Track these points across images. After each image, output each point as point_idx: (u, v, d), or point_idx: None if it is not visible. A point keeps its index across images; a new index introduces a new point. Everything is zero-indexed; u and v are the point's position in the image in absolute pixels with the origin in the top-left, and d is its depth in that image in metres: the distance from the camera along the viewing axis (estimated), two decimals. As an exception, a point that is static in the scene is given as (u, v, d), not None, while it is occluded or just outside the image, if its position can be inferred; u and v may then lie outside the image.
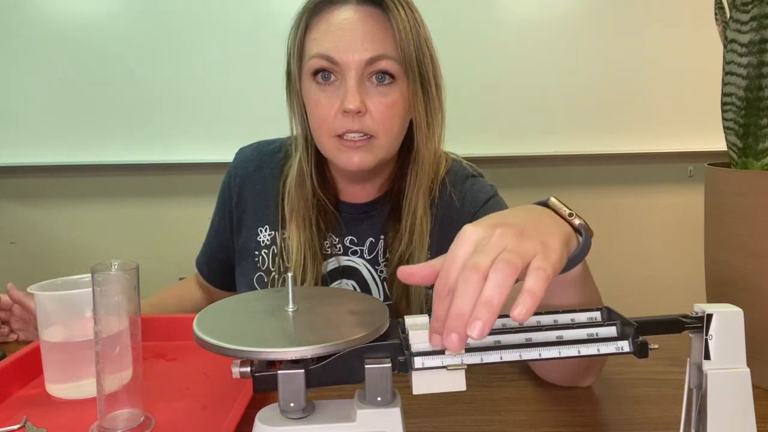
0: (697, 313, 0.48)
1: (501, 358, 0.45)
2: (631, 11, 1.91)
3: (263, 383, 0.45)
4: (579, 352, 0.46)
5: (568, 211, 0.53)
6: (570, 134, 1.97)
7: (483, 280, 0.41)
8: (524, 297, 0.40)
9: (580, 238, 0.52)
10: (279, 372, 0.45)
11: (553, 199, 0.54)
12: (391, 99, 0.77)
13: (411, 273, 0.47)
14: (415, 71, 0.78)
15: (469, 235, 0.45)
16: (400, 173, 0.86)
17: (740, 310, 0.47)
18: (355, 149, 0.77)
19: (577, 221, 0.52)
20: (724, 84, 0.72)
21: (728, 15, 0.71)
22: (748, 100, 0.69)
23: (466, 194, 0.87)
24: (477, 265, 0.42)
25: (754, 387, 0.47)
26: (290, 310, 0.51)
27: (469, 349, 0.45)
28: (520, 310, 0.40)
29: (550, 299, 0.56)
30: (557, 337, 0.46)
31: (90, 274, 0.56)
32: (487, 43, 1.91)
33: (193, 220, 1.97)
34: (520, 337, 0.47)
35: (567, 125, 1.96)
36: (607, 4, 1.91)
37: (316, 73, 0.77)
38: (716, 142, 0.93)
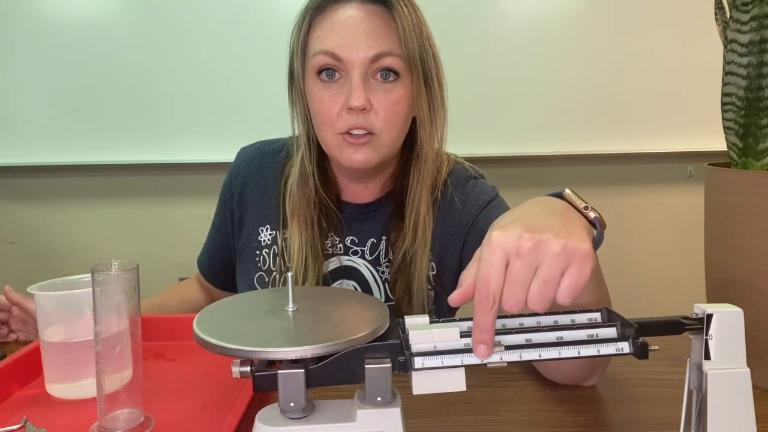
0: (697, 314, 0.48)
1: (501, 358, 0.45)
2: (632, 11, 1.91)
3: (263, 383, 0.45)
4: (579, 353, 0.46)
5: (583, 204, 0.53)
6: (570, 134, 1.97)
7: (525, 291, 0.44)
8: (564, 303, 0.45)
9: (594, 231, 0.52)
10: (279, 372, 0.45)
11: (568, 191, 0.55)
12: (395, 96, 0.77)
13: (467, 289, 0.47)
14: (419, 68, 0.78)
15: (499, 241, 0.45)
16: (403, 172, 0.86)
17: (740, 310, 0.47)
18: (359, 146, 0.77)
19: (592, 214, 0.53)
20: (724, 84, 0.72)
21: (728, 15, 0.71)
22: (748, 100, 0.69)
23: (468, 196, 0.88)
24: (518, 279, 0.44)
25: (754, 387, 0.47)
26: (290, 309, 0.51)
27: (469, 350, 0.45)
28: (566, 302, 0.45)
29: None
30: (557, 338, 0.46)
31: (90, 274, 0.56)
32: (487, 43, 1.91)
33: (193, 220, 1.97)
34: (520, 338, 0.47)
35: (567, 125, 1.96)
36: (608, 4, 1.91)
37: (320, 71, 0.77)
38: (716, 142, 0.94)
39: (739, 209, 0.67)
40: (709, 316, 0.47)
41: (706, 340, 0.47)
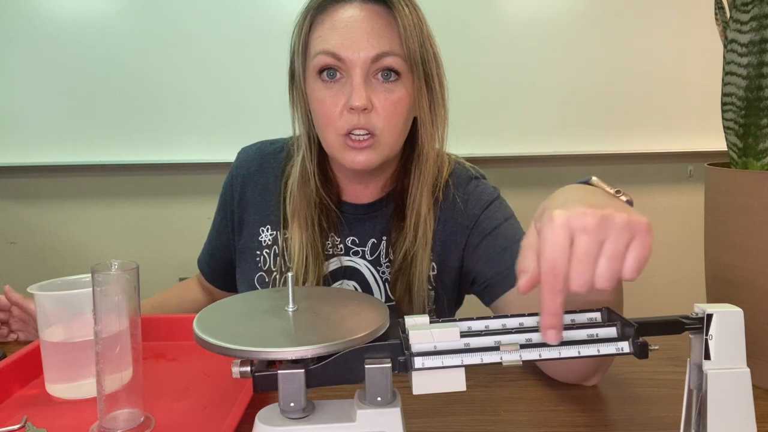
0: (697, 314, 0.48)
1: (501, 358, 0.45)
2: (632, 12, 1.91)
3: (263, 383, 0.45)
4: (579, 352, 0.46)
5: (614, 190, 0.54)
6: (570, 134, 1.97)
7: (593, 269, 0.43)
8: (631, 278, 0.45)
9: None
10: (279, 372, 0.45)
11: (595, 178, 0.55)
12: (396, 96, 0.77)
13: (533, 275, 0.45)
14: (420, 68, 0.78)
15: (564, 220, 0.44)
16: (404, 172, 0.86)
17: (740, 310, 0.47)
18: (360, 149, 0.77)
19: (624, 198, 0.53)
20: (724, 84, 0.72)
21: (728, 15, 0.71)
22: (748, 100, 0.69)
23: (470, 196, 0.88)
24: (586, 256, 0.43)
25: (754, 387, 0.47)
26: (290, 309, 0.51)
27: (468, 350, 0.45)
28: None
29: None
30: (557, 337, 0.46)
31: (90, 274, 0.56)
32: (488, 44, 1.91)
33: (193, 220, 1.98)
34: (520, 338, 0.47)
35: (567, 125, 1.96)
36: (608, 5, 1.91)
37: (321, 71, 0.77)
38: (716, 142, 0.94)
39: (739, 209, 0.67)
40: (709, 316, 0.47)
41: (706, 340, 0.47)
